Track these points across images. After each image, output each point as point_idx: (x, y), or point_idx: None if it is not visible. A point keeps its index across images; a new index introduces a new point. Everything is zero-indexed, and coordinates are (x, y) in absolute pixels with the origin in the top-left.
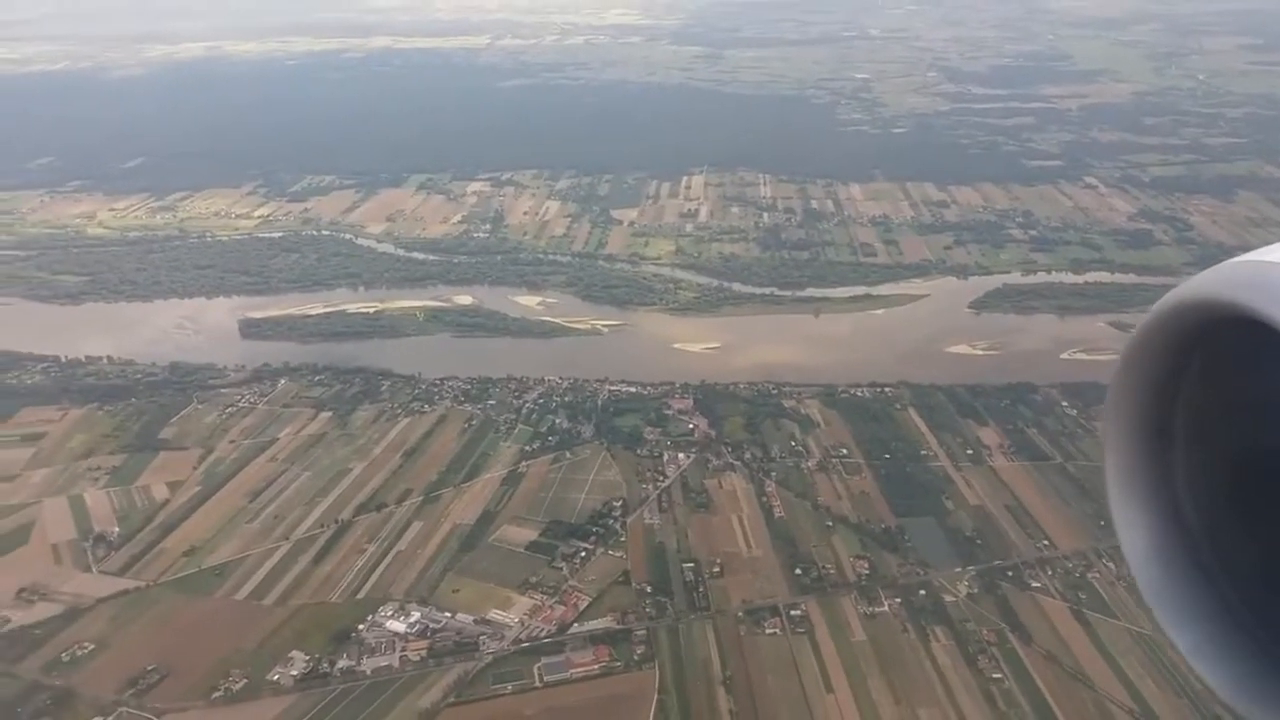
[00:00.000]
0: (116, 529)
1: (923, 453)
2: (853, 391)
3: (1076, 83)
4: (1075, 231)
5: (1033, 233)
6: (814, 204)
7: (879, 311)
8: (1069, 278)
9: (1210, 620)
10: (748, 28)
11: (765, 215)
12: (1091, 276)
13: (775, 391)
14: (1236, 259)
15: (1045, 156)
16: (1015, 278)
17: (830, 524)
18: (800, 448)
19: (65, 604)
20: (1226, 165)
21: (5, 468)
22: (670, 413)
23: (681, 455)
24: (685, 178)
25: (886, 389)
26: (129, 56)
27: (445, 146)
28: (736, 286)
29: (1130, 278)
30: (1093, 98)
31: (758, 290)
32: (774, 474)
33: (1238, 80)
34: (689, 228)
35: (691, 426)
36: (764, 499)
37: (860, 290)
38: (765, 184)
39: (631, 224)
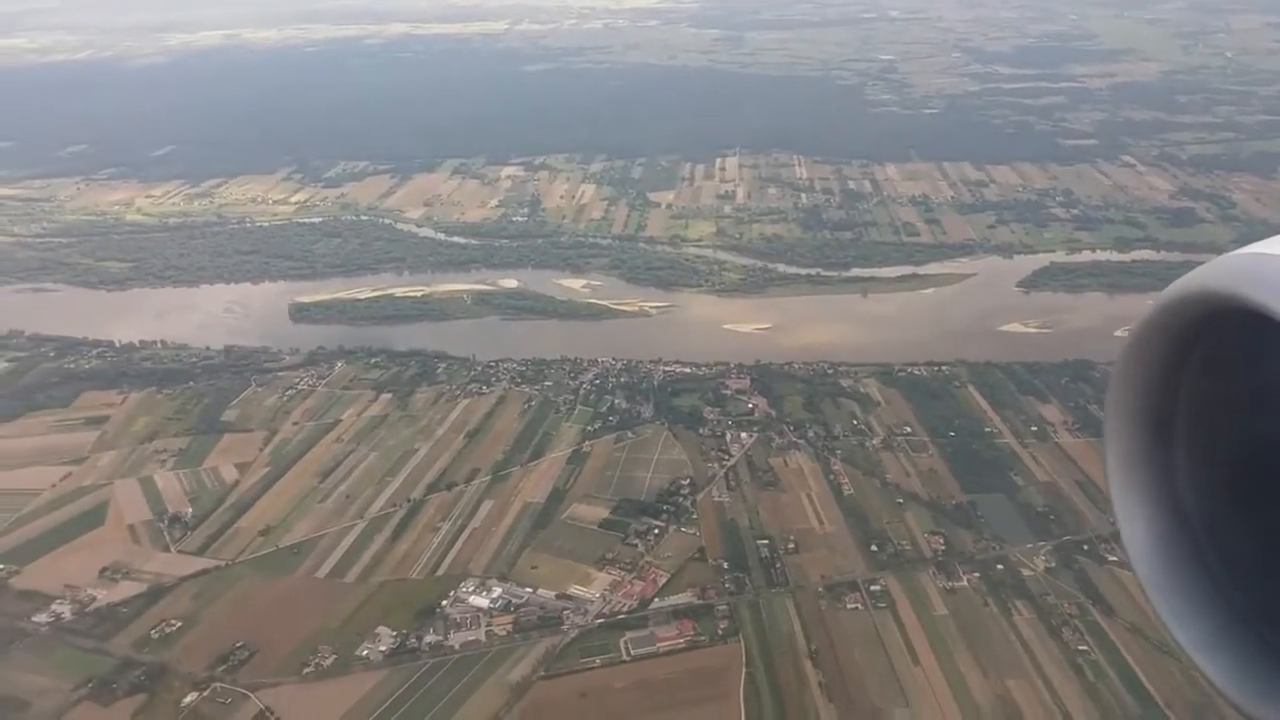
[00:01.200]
0: (190, 510)
1: (986, 430)
2: (910, 370)
3: (1104, 62)
4: (1117, 210)
5: (1074, 211)
6: (851, 184)
7: (928, 291)
8: (1115, 256)
9: (1211, 613)
10: (766, 10)
11: (803, 196)
12: (1138, 254)
13: (831, 371)
14: (1237, 251)
15: (1079, 136)
16: (1061, 256)
17: (901, 501)
18: (863, 426)
19: (148, 583)
20: (1264, 143)
21: (73, 450)
22: (728, 392)
23: (744, 434)
24: (719, 160)
25: (944, 367)
26: (149, 45)
27: (476, 131)
28: (781, 267)
29: (1177, 255)
30: (1121, 77)
31: (803, 271)
32: (839, 452)
33: (1266, 58)
34: (727, 209)
35: (751, 406)
36: (831, 477)
37: (907, 270)
38: (800, 165)
39: (669, 206)
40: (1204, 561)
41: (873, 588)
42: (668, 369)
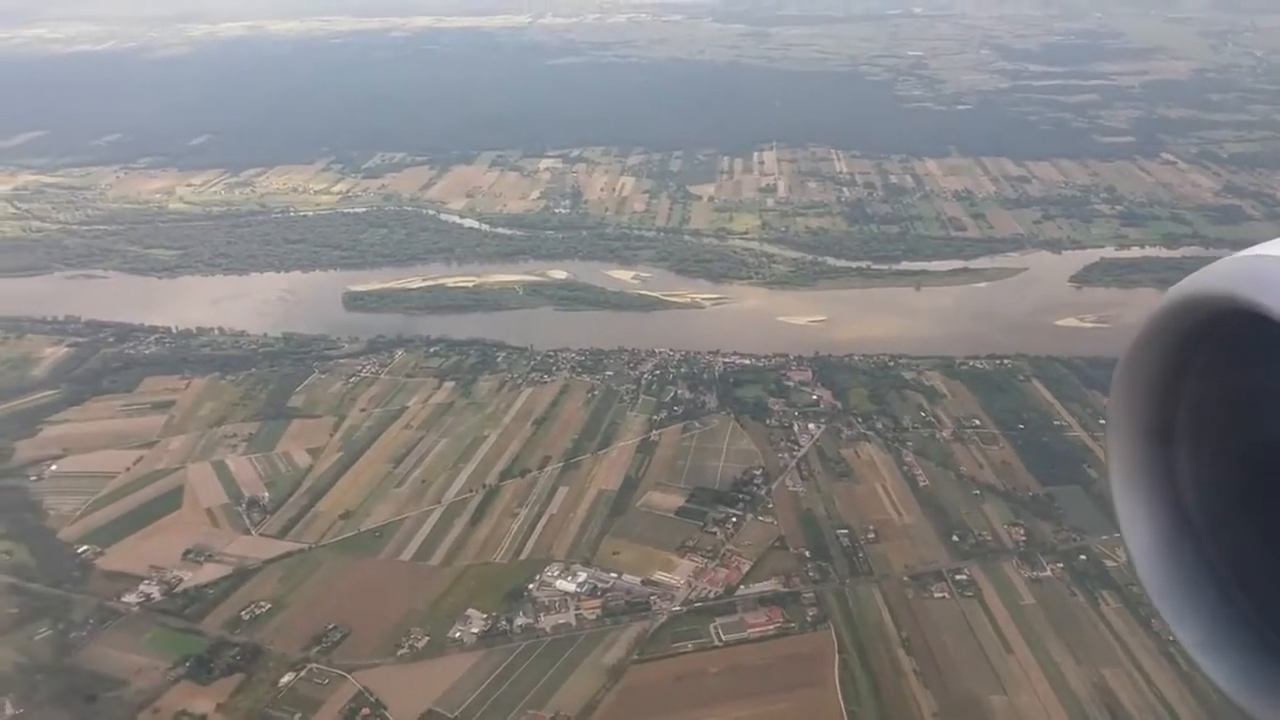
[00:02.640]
0: (267, 494)
1: (1056, 423)
2: (972, 363)
3: (1133, 60)
4: (1162, 207)
5: (1119, 208)
6: (893, 179)
7: (980, 285)
8: (1164, 252)
9: (1214, 615)
10: (790, 5)
11: (845, 190)
12: (1187, 251)
13: (892, 363)
14: (1238, 254)
15: (1116, 133)
16: (1110, 252)
17: (978, 492)
18: (931, 418)
19: (233, 565)
20: None
21: (143, 434)
22: (791, 384)
23: (812, 425)
24: (756, 153)
25: (1005, 361)
26: (172, 36)
27: (510, 124)
28: (830, 260)
29: (1225, 252)
30: (1152, 75)
31: (852, 264)
32: (909, 444)
33: None
34: (770, 202)
35: (816, 397)
36: (905, 468)
37: (957, 264)
38: (839, 159)
39: (710, 199)
40: (1207, 563)
41: (958, 577)
42: (727, 360)
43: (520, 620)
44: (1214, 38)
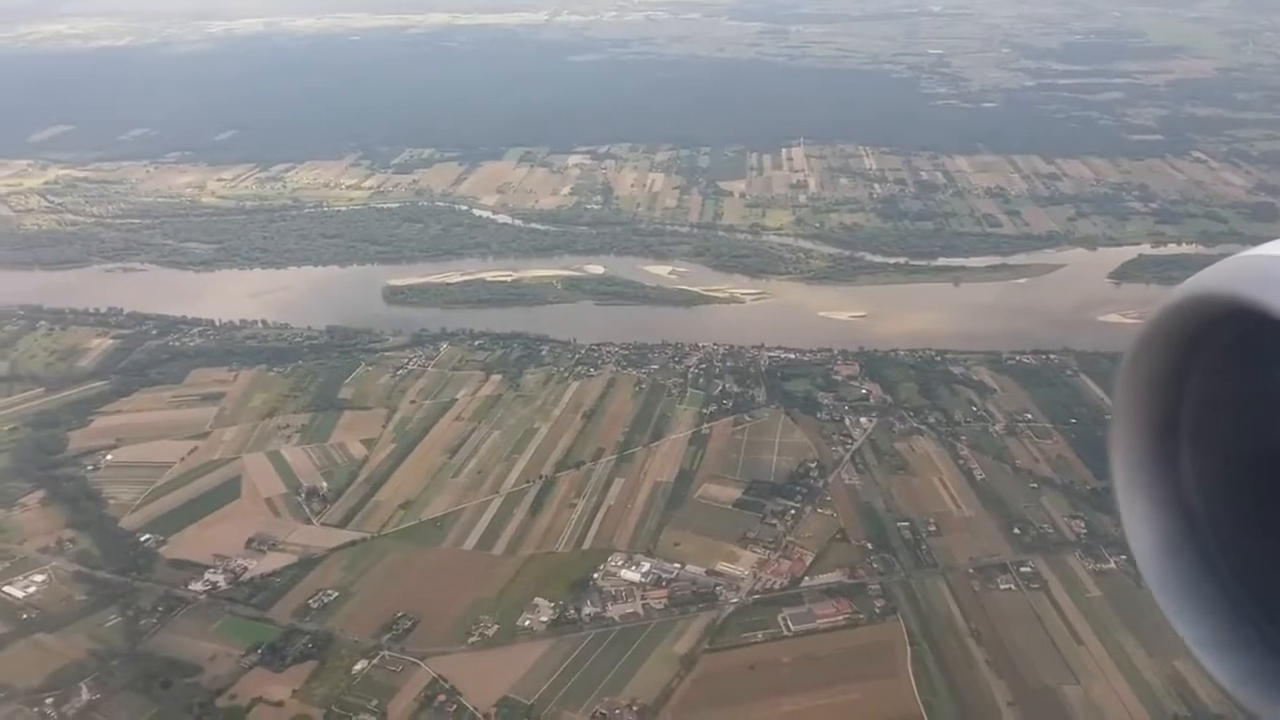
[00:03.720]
0: (325, 484)
1: (1108, 418)
2: (1018, 358)
3: (1156, 59)
4: (1196, 205)
5: (1153, 205)
6: (923, 175)
7: (1020, 281)
8: (1201, 250)
9: (1217, 614)
10: (806, 4)
11: (877, 187)
12: (1225, 248)
13: (938, 358)
14: (1244, 253)
15: (1144, 131)
16: (1147, 249)
17: (1035, 486)
18: (983, 413)
19: (297, 554)
20: None
21: (195, 425)
22: (839, 378)
23: (863, 419)
24: (784, 150)
25: (1051, 356)
26: (191, 32)
27: (535, 120)
28: (866, 256)
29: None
30: (1177, 74)
31: (889, 260)
32: (963, 438)
33: None
34: (801, 198)
35: (865, 391)
36: (960, 462)
37: (995, 260)
38: (868, 156)
39: (742, 195)
40: (1210, 563)
41: (1022, 569)
42: (771, 354)
43: (588, 609)
44: (1235, 37)
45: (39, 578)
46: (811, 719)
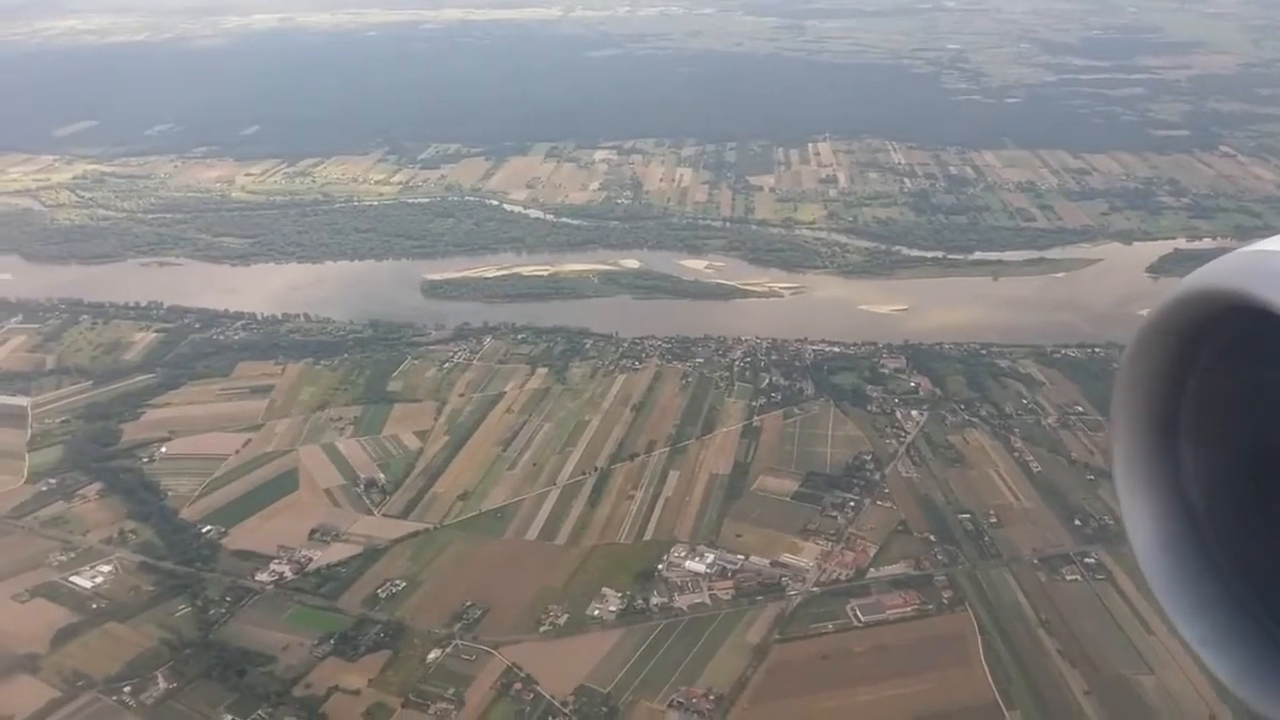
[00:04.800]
0: (382, 475)
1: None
2: (1064, 352)
3: (1175, 54)
4: (1228, 199)
5: (1185, 200)
6: (952, 170)
7: (1059, 275)
8: (1236, 244)
9: (1217, 611)
10: None
11: (907, 181)
12: None
13: (984, 351)
14: (1246, 249)
15: (1169, 126)
16: (1182, 243)
17: (1092, 478)
18: (1033, 405)
19: (360, 544)
20: None
21: (246, 418)
22: (886, 371)
23: (914, 412)
24: (810, 145)
25: (1096, 350)
26: (206, 27)
27: (558, 115)
28: (903, 250)
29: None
30: (1197, 69)
31: (926, 254)
32: (1016, 430)
33: None
34: (832, 193)
35: (914, 385)
36: (1016, 454)
37: (1031, 254)
38: (895, 151)
39: (772, 190)
40: (1211, 559)
41: (1086, 560)
42: (815, 348)
43: (656, 599)
44: (1254, 33)
45: (105, 568)
46: (888, 708)
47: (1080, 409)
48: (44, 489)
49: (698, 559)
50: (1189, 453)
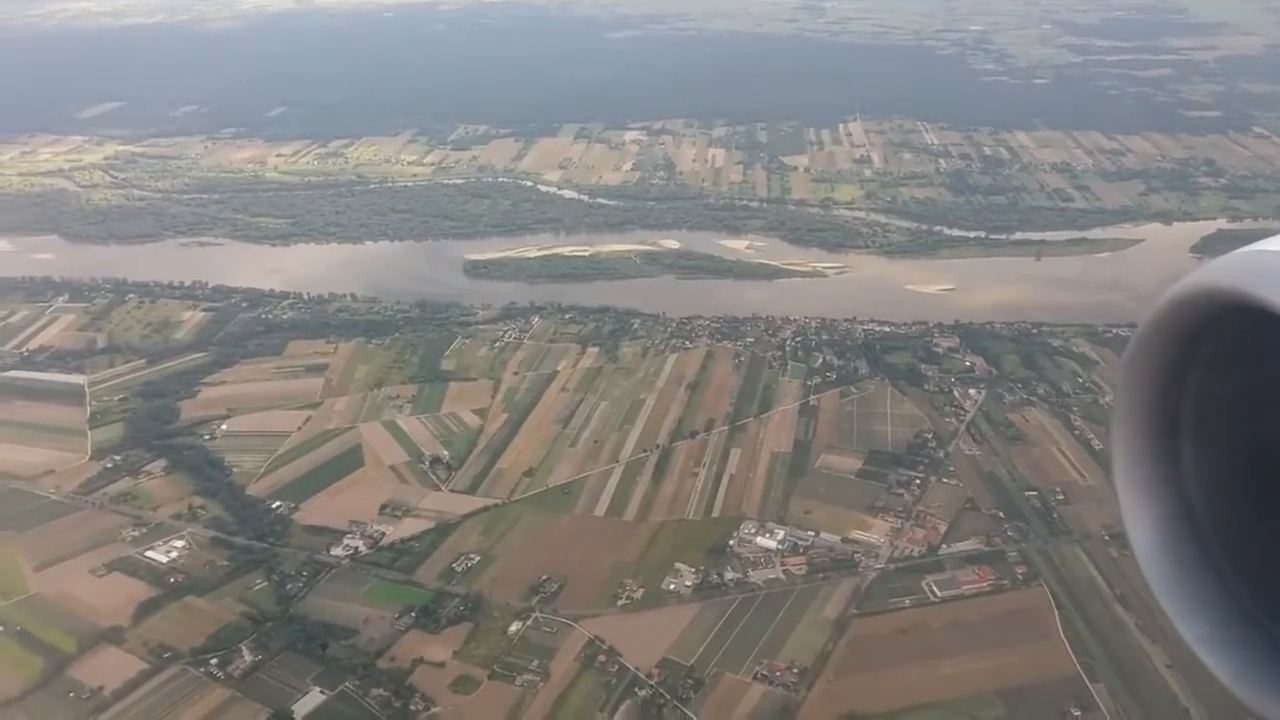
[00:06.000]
0: (446, 452)
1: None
2: (1115, 331)
3: (1201, 35)
4: (1267, 180)
5: (1223, 180)
6: (986, 151)
7: (1102, 255)
8: (1278, 225)
9: (1217, 610)
10: None
11: (942, 161)
12: None
13: (1034, 331)
14: (1246, 248)
15: (1201, 107)
16: (1224, 224)
17: None
18: (1089, 384)
19: (431, 519)
20: None
21: (304, 396)
22: (939, 350)
23: (972, 391)
24: (841, 125)
25: None
26: (221, 8)
27: (584, 96)
28: (944, 230)
29: None
30: (1224, 50)
31: (968, 234)
32: (1075, 409)
33: None
34: (867, 173)
35: (969, 364)
36: (1076, 432)
37: (1073, 234)
38: (928, 131)
39: (806, 170)
40: (1211, 559)
41: None
42: (865, 327)
43: (730, 574)
44: (1277, 14)
45: (178, 543)
46: (973, 681)
47: None
48: (109, 465)
49: (768, 535)
50: (1189, 453)
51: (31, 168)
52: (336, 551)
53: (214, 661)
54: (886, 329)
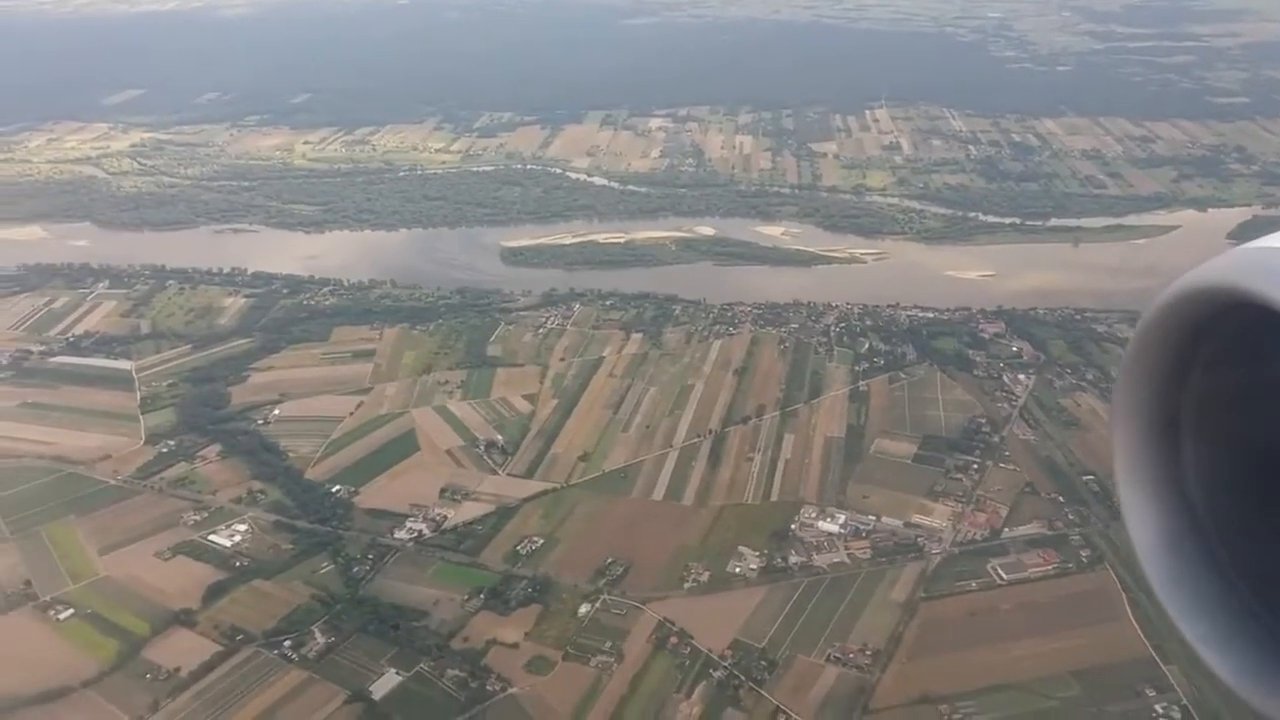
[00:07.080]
0: (500, 437)
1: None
2: None
3: (1224, 22)
4: None
5: (1255, 167)
6: (1015, 138)
7: (1139, 241)
8: None
9: (1218, 610)
10: None
11: (972, 148)
12: None
13: (1078, 316)
14: (1247, 245)
15: (1227, 94)
16: (1259, 210)
17: None
18: None
19: (492, 503)
20: None
21: (353, 381)
22: (986, 335)
23: (1022, 376)
24: (867, 112)
25: None
26: None
27: (607, 83)
28: (979, 216)
29: None
30: (1247, 37)
31: (1004, 220)
32: None
33: None
34: (898, 160)
35: (1016, 349)
36: None
37: (1109, 221)
38: (954, 118)
39: (835, 157)
40: (1212, 558)
41: None
42: (909, 313)
43: (795, 558)
44: None
45: (241, 527)
46: (1046, 662)
47: None
48: (164, 450)
49: (829, 520)
50: (1190, 450)
51: (59, 155)
52: (400, 535)
53: (287, 644)
54: (930, 315)
